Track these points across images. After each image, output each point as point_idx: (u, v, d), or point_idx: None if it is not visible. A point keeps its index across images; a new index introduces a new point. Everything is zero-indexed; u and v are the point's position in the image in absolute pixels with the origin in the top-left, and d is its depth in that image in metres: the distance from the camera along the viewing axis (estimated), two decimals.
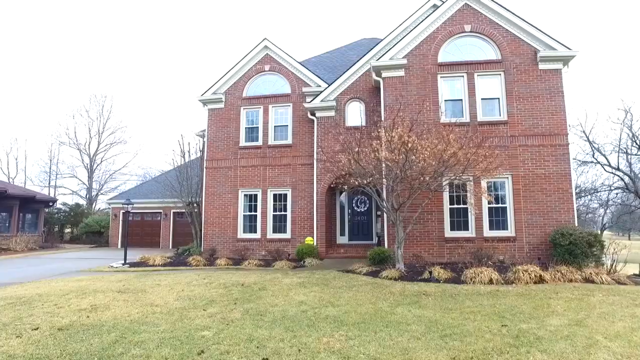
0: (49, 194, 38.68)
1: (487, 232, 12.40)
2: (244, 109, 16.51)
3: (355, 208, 16.39)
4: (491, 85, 13.10)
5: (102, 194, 41.08)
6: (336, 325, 6.08)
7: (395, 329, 5.84)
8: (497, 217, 12.54)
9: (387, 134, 10.11)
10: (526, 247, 12.14)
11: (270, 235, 15.59)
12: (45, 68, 67.41)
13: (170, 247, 25.41)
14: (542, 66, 12.81)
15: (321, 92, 15.49)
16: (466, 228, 12.60)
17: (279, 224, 15.70)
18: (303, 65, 16.07)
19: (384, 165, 10.75)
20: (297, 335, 5.61)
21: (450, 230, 12.61)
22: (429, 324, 6.09)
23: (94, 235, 28.38)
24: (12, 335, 5.79)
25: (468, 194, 12.06)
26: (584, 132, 22.24)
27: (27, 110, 57.31)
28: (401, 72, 13.46)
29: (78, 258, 18.42)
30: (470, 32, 13.36)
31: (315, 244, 14.56)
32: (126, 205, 15.05)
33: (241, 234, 15.84)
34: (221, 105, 16.63)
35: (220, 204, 16.07)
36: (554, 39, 12.68)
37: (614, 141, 22.40)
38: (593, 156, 22.33)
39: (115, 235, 26.54)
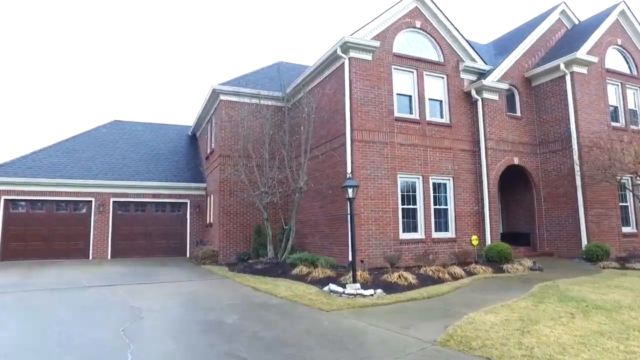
0: None
1: None
2: (394, 68, 12.56)
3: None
4: None
5: None
6: None
7: None
8: None
9: None
10: None
11: (435, 234, 12.39)
12: None
13: (110, 256, 16.25)
14: None
15: (485, 71, 13.62)
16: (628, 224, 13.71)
17: (438, 220, 12.67)
18: (460, 33, 13.57)
19: None
20: None
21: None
22: None
23: None
24: None
25: None
26: None
27: None
28: (584, 70, 13.48)
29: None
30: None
31: (492, 243, 12.52)
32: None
33: (402, 234, 11.91)
34: (368, 57, 12.12)
35: (376, 193, 11.62)
36: None
37: None
38: None
39: None
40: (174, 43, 61.80)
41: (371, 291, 7.83)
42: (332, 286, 8.28)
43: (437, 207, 12.67)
